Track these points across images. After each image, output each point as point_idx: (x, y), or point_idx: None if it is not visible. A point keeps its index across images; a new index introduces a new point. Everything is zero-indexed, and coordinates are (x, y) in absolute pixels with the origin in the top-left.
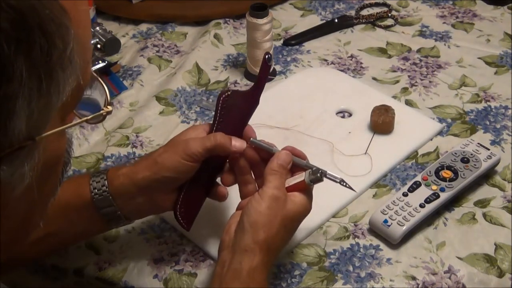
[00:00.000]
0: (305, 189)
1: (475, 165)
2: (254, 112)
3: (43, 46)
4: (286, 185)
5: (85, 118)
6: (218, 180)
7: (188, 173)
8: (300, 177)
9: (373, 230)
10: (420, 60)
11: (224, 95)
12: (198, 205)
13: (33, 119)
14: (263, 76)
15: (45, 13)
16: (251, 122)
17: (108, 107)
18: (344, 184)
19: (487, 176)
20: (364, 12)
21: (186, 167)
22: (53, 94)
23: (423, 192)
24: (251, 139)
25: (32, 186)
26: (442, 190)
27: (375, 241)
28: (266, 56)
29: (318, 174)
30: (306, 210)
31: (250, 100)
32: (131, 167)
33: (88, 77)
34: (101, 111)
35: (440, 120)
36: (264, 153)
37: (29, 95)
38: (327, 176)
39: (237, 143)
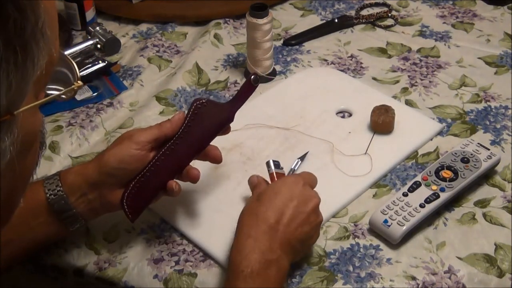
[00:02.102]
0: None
1: (475, 165)
2: (253, 113)
3: (16, 20)
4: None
5: (58, 93)
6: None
7: (136, 164)
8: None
9: (373, 230)
10: (420, 60)
11: (198, 102)
12: (148, 198)
13: (12, 93)
14: (244, 95)
15: None
16: (252, 122)
17: (79, 81)
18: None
19: (487, 176)
20: (364, 12)
21: (134, 157)
22: (28, 68)
23: (423, 192)
24: None
25: (13, 162)
26: (442, 190)
27: (375, 241)
28: (252, 77)
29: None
30: (281, 182)
31: (225, 114)
32: (83, 164)
33: (58, 52)
34: (72, 86)
35: (440, 120)
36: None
37: (7, 68)
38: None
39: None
